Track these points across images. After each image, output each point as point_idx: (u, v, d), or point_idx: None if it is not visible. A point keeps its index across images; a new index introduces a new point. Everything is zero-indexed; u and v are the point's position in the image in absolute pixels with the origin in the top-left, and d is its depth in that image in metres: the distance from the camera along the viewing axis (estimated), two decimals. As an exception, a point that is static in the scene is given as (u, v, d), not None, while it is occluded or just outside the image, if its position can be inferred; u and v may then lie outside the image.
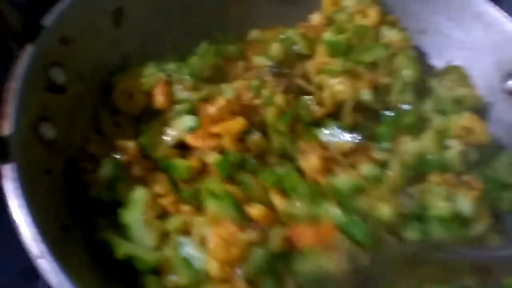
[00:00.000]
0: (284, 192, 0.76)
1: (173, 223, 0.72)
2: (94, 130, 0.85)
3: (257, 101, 0.85)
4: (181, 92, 0.85)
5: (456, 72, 0.97)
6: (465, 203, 0.79)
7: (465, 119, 0.88)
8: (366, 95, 0.87)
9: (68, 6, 0.81)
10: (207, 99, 0.84)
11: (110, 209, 0.74)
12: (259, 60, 0.94)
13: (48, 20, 0.78)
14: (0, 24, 0.74)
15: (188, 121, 0.81)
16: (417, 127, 0.87)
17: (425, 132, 0.86)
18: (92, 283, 0.59)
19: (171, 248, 0.70)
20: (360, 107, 0.88)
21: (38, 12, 0.79)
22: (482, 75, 0.97)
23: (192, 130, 0.80)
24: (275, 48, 0.95)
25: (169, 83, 0.86)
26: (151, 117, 0.86)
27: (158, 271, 0.70)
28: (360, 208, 0.74)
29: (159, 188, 0.75)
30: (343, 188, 0.76)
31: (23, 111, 0.69)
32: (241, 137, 0.80)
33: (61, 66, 0.79)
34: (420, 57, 1.00)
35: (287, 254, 0.70)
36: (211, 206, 0.70)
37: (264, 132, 0.83)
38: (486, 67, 0.97)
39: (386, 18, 0.99)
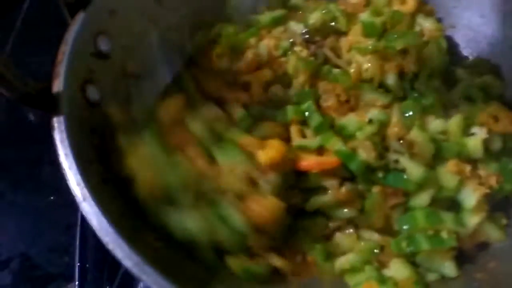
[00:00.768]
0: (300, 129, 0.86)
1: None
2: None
3: (284, 59, 0.93)
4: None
5: (485, 64, 0.99)
6: (470, 198, 0.81)
7: (492, 108, 0.89)
8: (390, 79, 0.90)
9: (118, -20, 0.87)
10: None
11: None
12: (294, 26, 0.99)
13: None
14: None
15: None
16: (444, 112, 0.89)
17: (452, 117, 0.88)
18: (127, 229, 0.64)
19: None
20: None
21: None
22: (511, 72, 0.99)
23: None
24: (314, 17, 0.99)
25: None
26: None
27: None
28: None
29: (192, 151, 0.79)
30: (349, 126, 0.85)
31: (72, 72, 0.75)
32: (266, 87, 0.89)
33: (107, 36, 0.85)
34: (451, 49, 1.02)
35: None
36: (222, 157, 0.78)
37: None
38: (515, 65, 0.98)
39: (423, 7, 1.02)
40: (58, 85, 0.72)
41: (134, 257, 0.61)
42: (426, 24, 0.98)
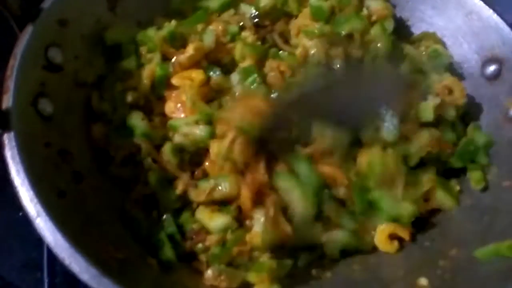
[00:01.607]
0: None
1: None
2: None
3: (231, 45, 0.93)
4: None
5: (430, 38, 1.02)
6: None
7: (445, 79, 0.93)
8: (336, 64, 0.91)
9: (66, -11, 0.86)
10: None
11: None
12: (245, 8, 0.99)
13: (47, 3, 0.82)
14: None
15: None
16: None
17: None
18: (85, 242, 0.63)
19: None
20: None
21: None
22: (463, 61, 1.01)
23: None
24: (265, 0, 0.98)
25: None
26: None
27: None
28: None
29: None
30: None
31: (22, 86, 0.74)
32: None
33: (58, 47, 0.84)
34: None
35: None
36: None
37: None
38: (467, 54, 1.00)
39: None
40: (7, 101, 0.71)
41: (92, 270, 0.60)
42: (373, 5, 1.00)
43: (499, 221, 0.82)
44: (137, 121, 0.85)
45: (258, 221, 0.77)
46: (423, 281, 0.79)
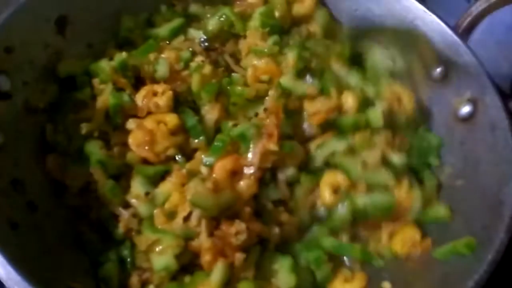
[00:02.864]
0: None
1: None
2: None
3: (186, 72, 0.92)
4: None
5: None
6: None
7: (393, 86, 0.95)
8: (285, 81, 0.91)
9: (11, 15, 0.84)
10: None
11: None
12: (194, 33, 0.99)
13: (-9, 30, 0.81)
14: None
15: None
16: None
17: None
18: (40, 273, 0.62)
19: None
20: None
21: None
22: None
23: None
24: (211, 23, 0.99)
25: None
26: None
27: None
28: None
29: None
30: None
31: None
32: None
33: (6, 74, 0.82)
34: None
35: None
36: None
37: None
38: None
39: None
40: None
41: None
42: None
43: (455, 221, 0.84)
44: (94, 148, 0.84)
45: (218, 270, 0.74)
46: (386, 284, 0.81)
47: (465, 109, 0.93)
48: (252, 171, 0.80)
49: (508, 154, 0.83)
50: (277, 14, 1.00)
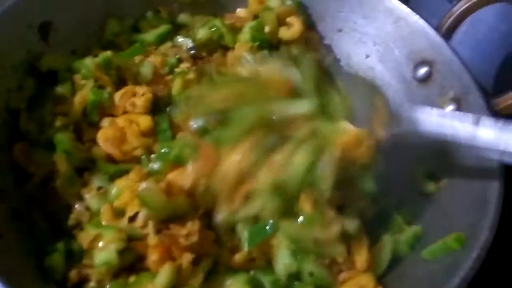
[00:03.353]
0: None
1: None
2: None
3: (170, 77, 0.92)
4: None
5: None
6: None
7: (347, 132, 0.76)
8: None
9: (-7, 22, 0.84)
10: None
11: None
12: (182, 40, 1.00)
13: (-27, 37, 0.80)
14: None
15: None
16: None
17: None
18: (27, 286, 0.61)
19: None
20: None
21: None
22: (397, 67, 1.05)
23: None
24: (201, 33, 1.00)
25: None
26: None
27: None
28: None
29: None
30: None
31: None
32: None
33: (-12, 81, 0.82)
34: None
35: None
36: None
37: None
38: (399, 59, 1.04)
39: (310, 34, 1.08)
40: None
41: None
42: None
43: (440, 219, 0.85)
44: (63, 139, 0.83)
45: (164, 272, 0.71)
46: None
47: (449, 109, 0.93)
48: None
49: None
50: (267, 29, 1.01)
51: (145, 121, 0.87)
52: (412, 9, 1.02)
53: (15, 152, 0.83)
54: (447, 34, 1.00)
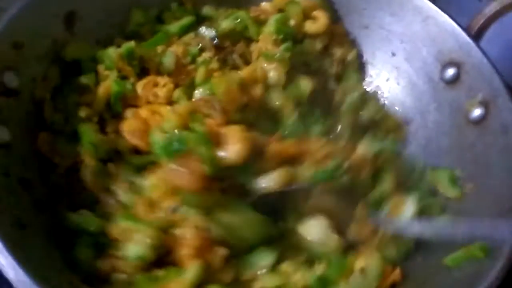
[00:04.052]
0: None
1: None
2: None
3: (192, 66, 0.92)
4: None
5: None
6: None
7: None
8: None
9: (19, 11, 0.83)
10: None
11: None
12: (205, 31, 0.99)
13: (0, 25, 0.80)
14: None
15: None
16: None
17: None
18: (49, 273, 0.62)
19: None
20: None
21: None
22: (423, 67, 1.02)
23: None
24: (225, 23, 0.99)
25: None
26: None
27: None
28: None
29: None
30: None
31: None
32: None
33: (14, 70, 0.81)
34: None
35: None
36: None
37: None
38: (426, 59, 1.02)
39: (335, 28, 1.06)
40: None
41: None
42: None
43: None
44: (88, 130, 0.83)
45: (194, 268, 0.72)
46: (394, 289, 0.80)
47: (477, 112, 0.92)
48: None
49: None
50: (292, 22, 1.00)
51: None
52: (440, 8, 1.00)
53: (40, 142, 0.83)
54: (478, 35, 0.98)
